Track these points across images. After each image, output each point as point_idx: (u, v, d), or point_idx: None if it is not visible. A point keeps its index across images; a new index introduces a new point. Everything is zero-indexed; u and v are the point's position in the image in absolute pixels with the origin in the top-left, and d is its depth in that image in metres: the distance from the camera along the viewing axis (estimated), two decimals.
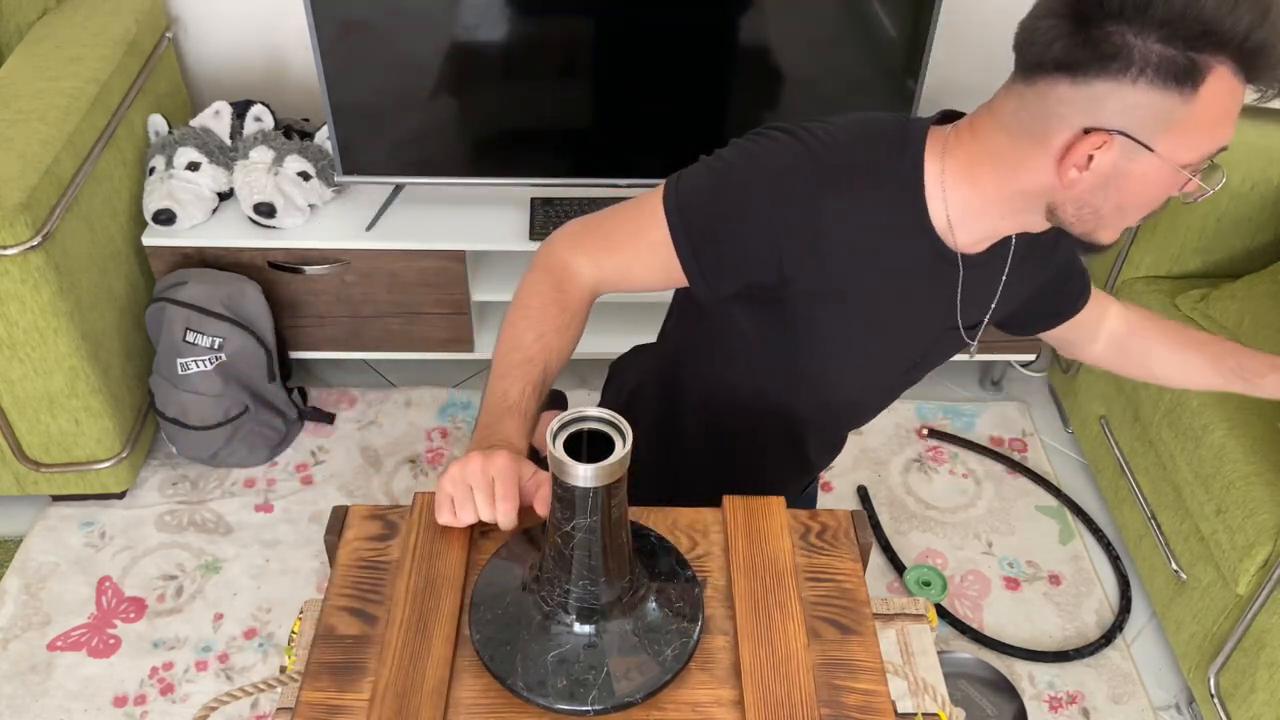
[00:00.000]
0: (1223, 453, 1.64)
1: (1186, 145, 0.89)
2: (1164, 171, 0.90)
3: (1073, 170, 0.92)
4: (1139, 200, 0.94)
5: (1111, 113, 0.88)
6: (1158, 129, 0.88)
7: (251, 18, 2.20)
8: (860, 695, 0.85)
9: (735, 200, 0.99)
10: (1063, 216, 0.97)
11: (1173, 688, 1.81)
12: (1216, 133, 0.90)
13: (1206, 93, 0.87)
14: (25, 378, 1.77)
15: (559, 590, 0.82)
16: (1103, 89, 0.87)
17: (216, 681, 1.74)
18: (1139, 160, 0.90)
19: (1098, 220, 0.96)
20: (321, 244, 2.00)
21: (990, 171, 0.98)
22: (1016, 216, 1.00)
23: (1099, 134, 0.89)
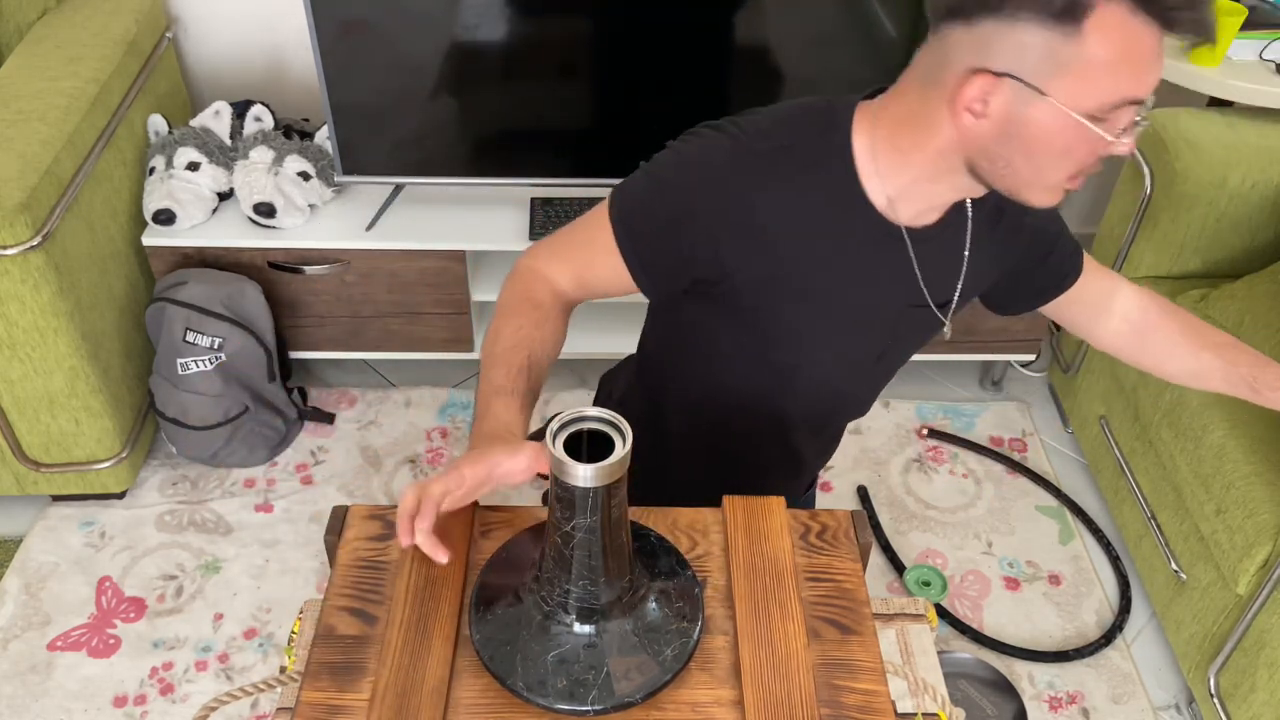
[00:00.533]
0: (1223, 453, 1.64)
1: (1083, 91, 0.85)
2: (1062, 119, 0.87)
3: (967, 116, 0.89)
4: (1048, 151, 0.90)
5: (999, 53, 0.86)
6: (1048, 71, 0.85)
7: (251, 17, 2.20)
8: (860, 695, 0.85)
9: (668, 201, 1.01)
10: (981, 174, 0.94)
11: (1173, 688, 1.81)
12: (1117, 78, 0.85)
13: (1093, 30, 0.83)
14: (25, 378, 1.77)
15: (559, 590, 0.82)
16: (989, 29, 0.86)
17: (216, 681, 1.74)
18: (1034, 105, 0.87)
19: (1015, 176, 0.93)
20: (321, 244, 2.00)
21: (909, 133, 0.96)
22: (948, 179, 0.98)
23: (985, 75, 0.87)
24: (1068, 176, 0.93)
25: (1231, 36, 1.82)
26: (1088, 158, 0.91)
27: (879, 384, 1.22)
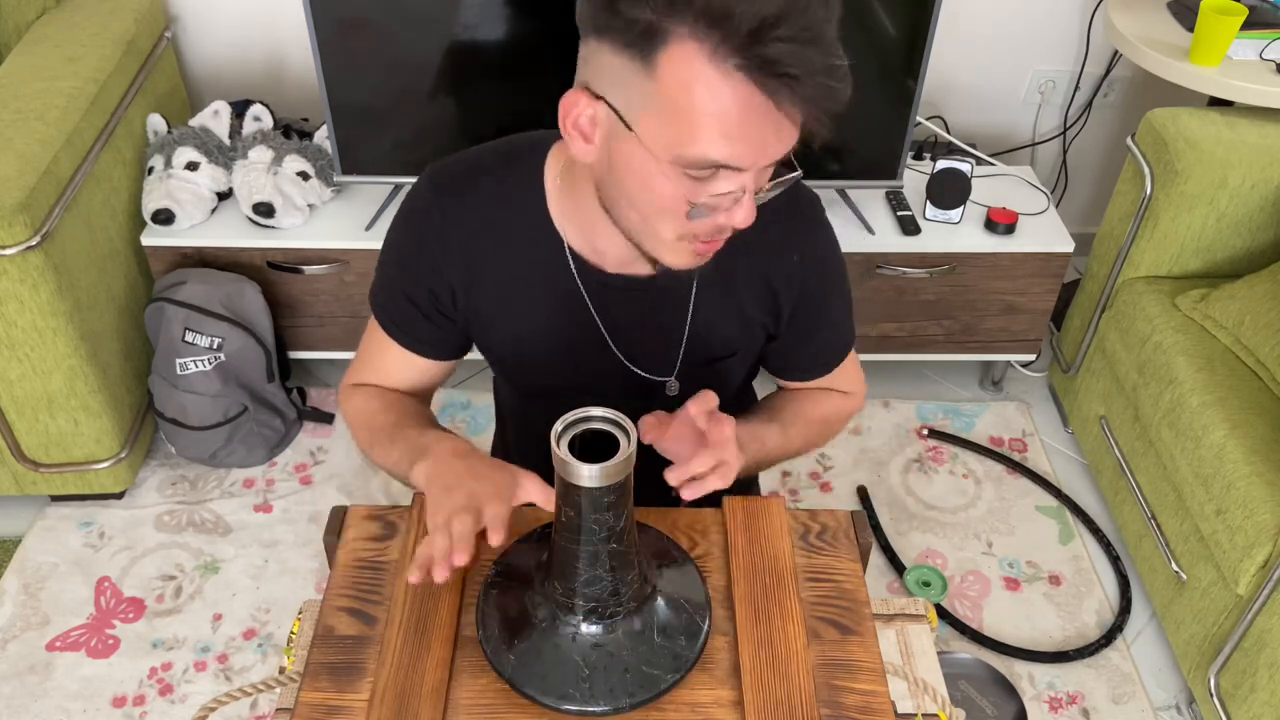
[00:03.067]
0: (1223, 453, 1.63)
1: (665, 138, 0.75)
2: (650, 163, 0.77)
3: (577, 137, 0.81)
4: (642, 197, 0.80)
5: (596, 73, 0.78)
6: (637, 105, 0.76)
7: (251, 17, 2.20)
8: (860, 695, 0.85)
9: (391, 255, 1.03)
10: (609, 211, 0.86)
11: (1173, 688, 1.81)
12: (699, 135, 0.74)
13: (666, 70, 0.73)
14: (24, 378, 1.77)
15: (565, 590, 0.82)
16: (591, 47, 0.78)
17: (215, 682, 1.74)
18: (624, 141, 0.78)
19: (629, 222, 0.84)
20: (321, 244, 2.00)
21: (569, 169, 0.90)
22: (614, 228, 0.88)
23: (585, 93, 0.79)
24: (675, 234, 0.83)
25: (1231, 36, 1.82)
26: (677, 213, 0.80)
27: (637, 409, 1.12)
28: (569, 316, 0.99)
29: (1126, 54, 1.98)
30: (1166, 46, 1.91)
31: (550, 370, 1.05)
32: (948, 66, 2.24)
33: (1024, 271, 2.06)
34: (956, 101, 2.33)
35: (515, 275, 0.99)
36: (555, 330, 1.01)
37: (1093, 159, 2.47)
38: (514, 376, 1.11)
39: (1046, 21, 2.26)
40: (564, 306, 0.99)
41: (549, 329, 1.01)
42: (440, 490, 0.86)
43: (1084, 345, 2.11)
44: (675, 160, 0.76)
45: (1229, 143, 1.82)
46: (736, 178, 0.78)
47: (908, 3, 1.85)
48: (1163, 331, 1.84)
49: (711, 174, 0.77)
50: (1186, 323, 1.85)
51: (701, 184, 0.78)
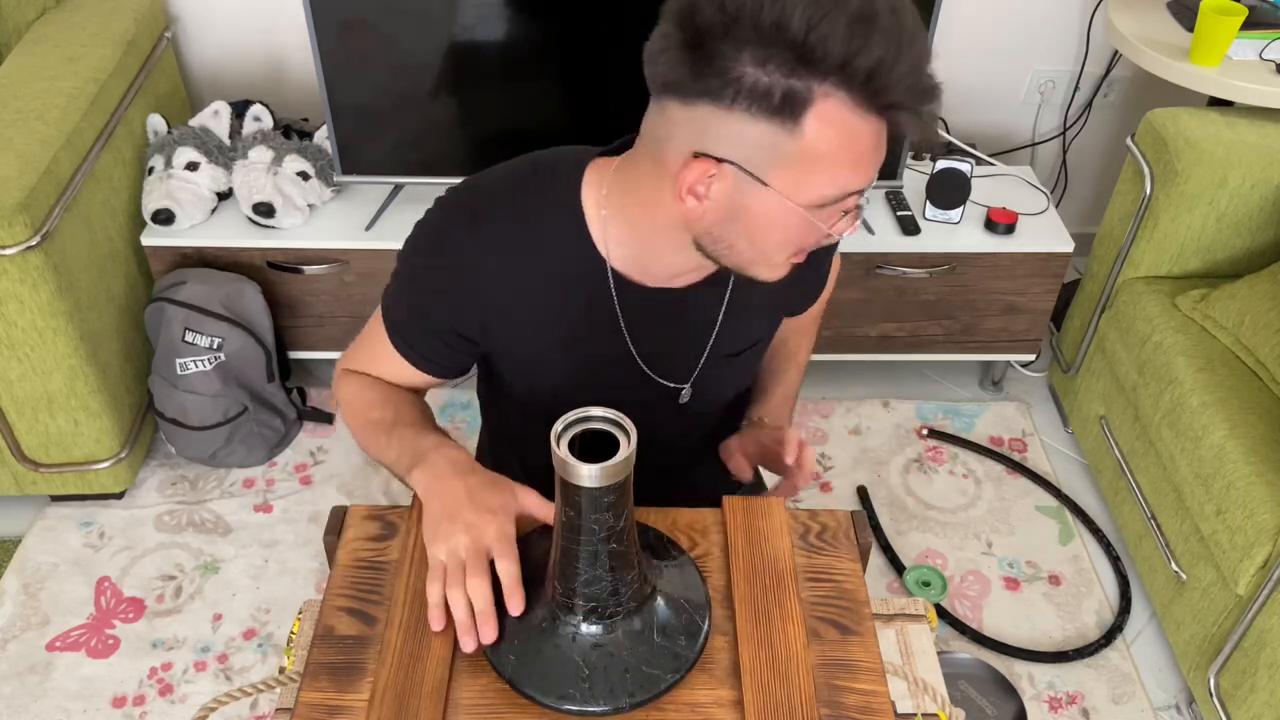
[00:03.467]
0: (1223, 453, 1.63)
1: (805, 184, 0.81)
2: (786, 209, 0.82)
3: (690, 199, 0.84)
4: (771, 239, 0.86)
5: (716, 139, 0.80)
6: (768, 163, 0.80)
7: (251, 17, 2.20)
8: (860, 696, 0.85)
9: (413, 280, 1.02)
10: (707, 252, 0.89)
11: (1173, 688, 1.81)
12: (838, 173, 0.81)
13: (814, 127, 0.78)
14: (24, 378, 1.77)
15: (565, 590, 0.82)
16: (705, 113, 0.80)
17: (215, 682, 1.74)
18: (755, 195, 0.82)
19: (738, 256, 0.88)
20: (321, 244, 2.00)
21: (636, 204, 0.91)
22: (683, 251, 0.91)
23: (707, 161, 0.81)
24: (789, 256, 0.90)
25: (1231, 36, 1.82)
26: (808, 241, 0.88)
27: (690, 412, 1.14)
28: (598, 331, 1.01)
29: (1126, 54, 1.98)
30: (1166, 46, 1.91)
31: (569, 385, 1.05)
32: (947, 66, 2.24)
33: (1024, 271, 2.06)
34: (956, 101, 2.33)
35: (547, 296, 0.99)
36: (581, 344, 1.02)
37: (1093, 159, 2.47)
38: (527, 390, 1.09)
39: (1046, 21, 2.26)
40: (595, 322, 1.00)
41: (576, 343, 1.02)
42: (439, 511, 0.88)
43: (1084, 345, 2.11)
44: (818, 201, 0.82)
45: (1229, 143, 1.82)
46: (854, 198, 0.85)
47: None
48: (1163, 331, 1.84)
49: (837, 203, 0.84)
50: (1186, 323, 1.85)
51: (825, 212, 0.84)
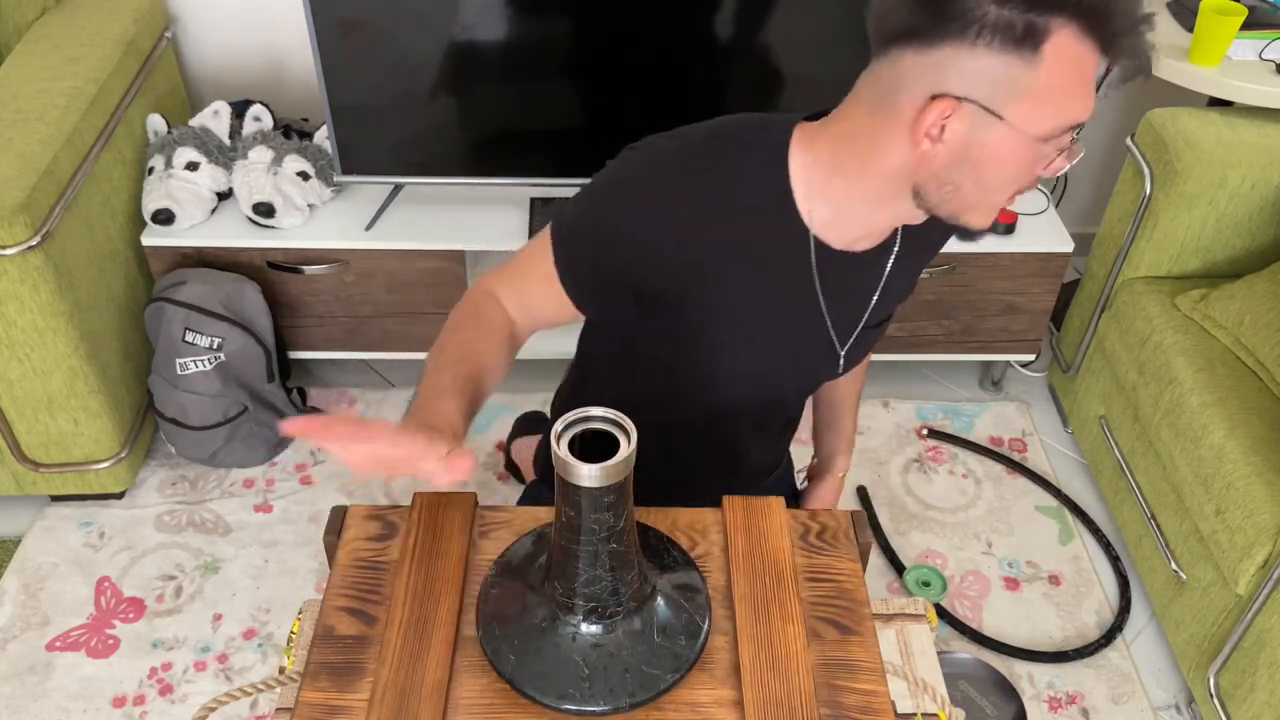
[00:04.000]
0: (1222, 453, 1.63)
1: (1039, 115, 0.86)
2: (1019, 142, 0.87)
3: (925, 141, 0.89)
4: (999, 175, 0.90)
5: (957, 78, 0.86)
6: (1006, 96, 0.86)
7: (251, 17, 2.20)
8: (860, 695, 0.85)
9: (601, 224, 1.01)
10: (927, 198, 0.94)
11: (1172, 688, 1.81)
12: (1069, 103, 0.87)
13: (1050, 57, 0.84)
14: (24, 378, 1.77)
15: (565, 590, 0.82)
16: (945, 54, 0.85)
17: (215, 682, 1.74)
18: (991, 130, 0.87)
19: (961, 199, 0.93)
20: (320, 244, 2.00)
21: (855, 157, 0.95)
22: (891, 205, 0.97)
23: (946, 100, 0.86)
24: (1009, 197, 0.94)
25: (1231, 36, 1.82)
26: (1030, 177, 0.92)
27: (809, 390, 1.24)
28: (796, 296, 1.05)
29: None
30: (1166, 46, 1.91)
31: (757, 352, 1.08)
32: None
33: (1024, 271, 2.06)
34: None
35: (745, 258, 1.01)
36: (779, 309, 1.06)
37: (1092, 159, 2.47)
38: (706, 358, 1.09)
39: None
40: (794, 287, 1.04)
41: (774, 309, 1.05)
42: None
43: (1084, 345, 2.11)
44: (1049, 133, 0.87)
45: (1229, 143, 1.82)
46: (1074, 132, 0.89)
47: None
48: (1162, 331, 1.84)
49: (1064, 137, 0.89)
50: (1186, 323, 1.85)
51: (1053, 145, 0.89)
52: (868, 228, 1.01)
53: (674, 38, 1.88)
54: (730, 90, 1.96)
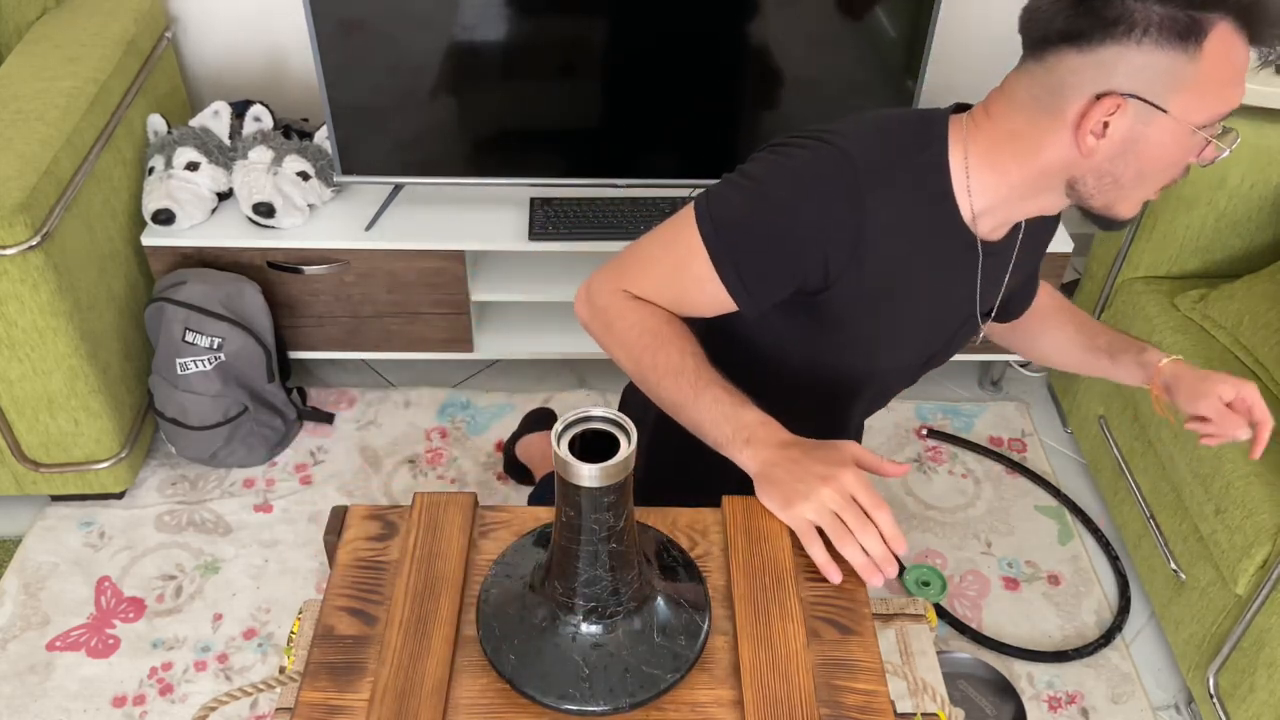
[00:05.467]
0: (1221, 453, 1.64)
1: (1198, 105, 0.91)
2: (1180, 133, 0.92)
3: (1090, 138, 0.93)
4: (1158, 165, 0.95)
5: (1121, 76, 0.90)
6: (1168, 89, 0.90)
7: (251, 17, 2.20)
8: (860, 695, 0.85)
9: (776, 213, 1.00)
10: (1083, 190, 0.98)
11: (1172, 688, 1.81)
12: (1226, 92, 0.92)
13: (1210, 50, 0.89)
14: (24, 378, 1.77)
15: (565, 590, 0.82)
16: (1109, 53, 0.90)
17: (216, 682, 1.74)
18: (1154, 123, 0.92)
19: (1118, 191, 0.97)
20: (321, 244, 2.00)
21: (1011, 153, 0.99)
22: (1037, 198, 1.02)
23: (1111, 98, 0.91)
24: (1162, 186, 0.98)
25: None
26: (1181, 168, 0.97)
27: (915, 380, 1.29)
28: (957, 293, 1.10)
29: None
30: None
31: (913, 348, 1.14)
32: (948, 67, 2.24)
33: None
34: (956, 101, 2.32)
35: (912, 256, 1.04)
36: (939, 306, 1.11)
37: None
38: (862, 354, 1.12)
39: None
40: (956, 284, 1.09)
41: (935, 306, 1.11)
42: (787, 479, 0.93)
43: None
44: (1207, 121, 0.92)
45: None
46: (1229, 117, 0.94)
47: (908, 3, 1.85)
48: (1162, 331, 1.84)
49: (1214, 125, 0.93)
50: (1185, 323, 1.85)
51: (1204, 135, 0.93)
52: (1009, 219, 1.06)
53: (674, 37, 1.88)
54: (729, 89, 1.96)
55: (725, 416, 0.99)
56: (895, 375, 1.21)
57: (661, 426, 1.28)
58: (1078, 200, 1.00)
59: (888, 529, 0.91)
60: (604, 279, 1.08)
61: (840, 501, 0.91)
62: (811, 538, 0.92)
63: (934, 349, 1.19)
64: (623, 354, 1.06)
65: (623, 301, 1.06)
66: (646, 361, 1.04)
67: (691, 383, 1.01)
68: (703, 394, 1.00)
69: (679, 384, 1.01)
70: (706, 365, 1.03)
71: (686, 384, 1.01)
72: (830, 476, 0.92)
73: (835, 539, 0.91)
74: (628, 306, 1.06)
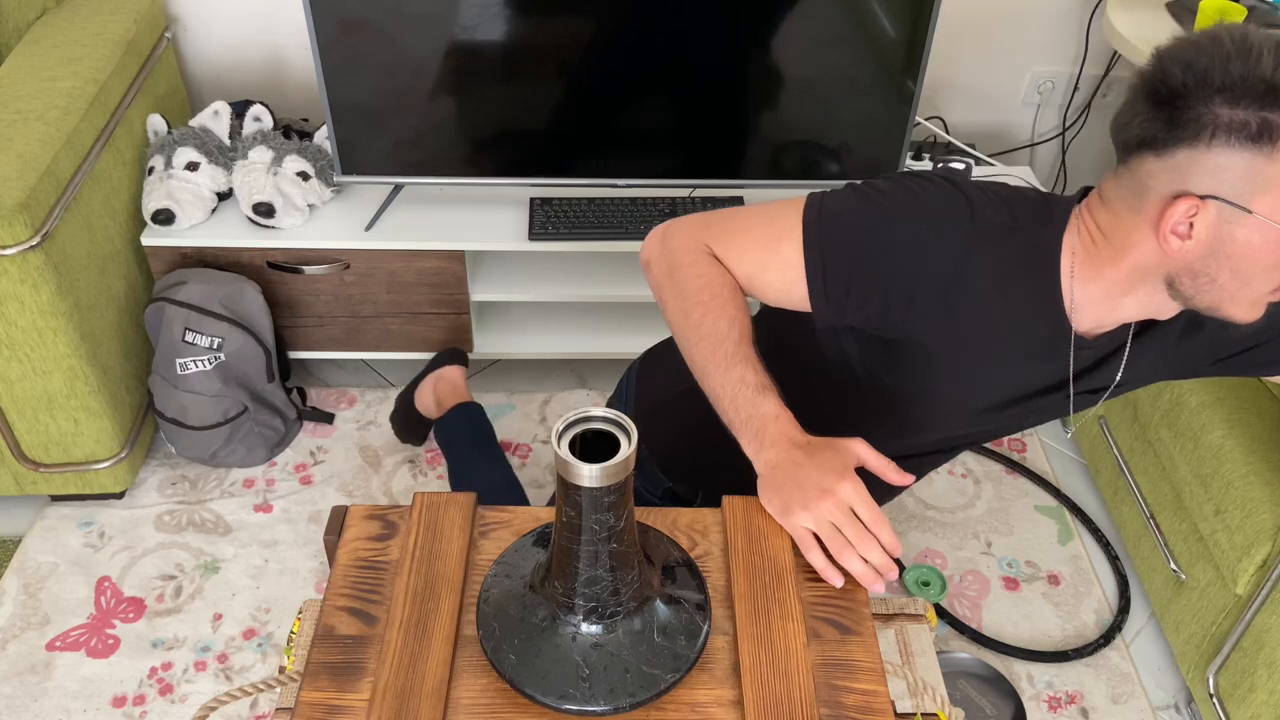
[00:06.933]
0: (1221, 453, 1.64)
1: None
2: (1270, 233, 0.91)
3: (1173, 239, 0.94)
4: (1255, 266, 0.94)
5: (1197, 178, 0.91)
6: (1252, 189, 0.90)
7: (251, 17, 2.20)
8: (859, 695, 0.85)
9: (885, 226, 1.02)
10: (1183, 290, 0.98)
11: (1171, 688, 1.81)
12: None
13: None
14: (24, 378, 1.77)
15: (565, 590, 0.82)
16: (1183, 157, 0.90)
17: (215, 682, 1.74)
18: (1241, 224, 0.91)
19: (1220, 291, 0.96)
20: (320, 244, 2.00)
21: (1108, 247, 1.00)
22: (1140, 293, 1.01)
23: (1189, 199, 0.91)
24: (1274, 289, 0.97)
25: None
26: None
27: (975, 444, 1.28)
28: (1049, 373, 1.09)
29: (1126, 54, 1.98)
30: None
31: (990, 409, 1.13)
32: (947, 67, 2.25)
33: None
34: (956, 102, 2.33)
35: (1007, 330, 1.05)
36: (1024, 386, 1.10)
37: (1092, 159, 2.47)
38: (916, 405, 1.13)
39: (1045, 22, 2.26)
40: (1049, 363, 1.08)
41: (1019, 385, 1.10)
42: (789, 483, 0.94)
43: None
44: None
45: None
46: None
47: (908, 3, 1.85)
48: None
49: None
50: None
51: None
52: (1112, 315, 1.05)
53: (674, 38, 1.88)
54: (728, 89, 1.96)
55: (745, 399, 0.99)
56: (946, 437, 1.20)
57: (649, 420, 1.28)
58: (1182, 301, 0.99)
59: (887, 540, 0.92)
60: (689, 226, 1.09)
61: (839, 515, 0.92)
62: (810, 544, 0.92)
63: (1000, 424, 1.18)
64: (675, 302, 1.06)
65: (698, 254, 1.06)
66: (695, 316, 1.03)
67: (727, 354, 1.01)
68: (732, 369, 1.00)
69: (715, 351, 1.01)
70: (749, 343, 1.02)
71: (722, 354, 1.01)
72: (829, 491, 0.92)
73: (834, 550, 0.92)
74: (702, 259, 1.06)
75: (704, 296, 1.04)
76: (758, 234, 1.06)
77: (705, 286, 1.04)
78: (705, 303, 1.03)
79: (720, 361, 1.01)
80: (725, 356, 1.01)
